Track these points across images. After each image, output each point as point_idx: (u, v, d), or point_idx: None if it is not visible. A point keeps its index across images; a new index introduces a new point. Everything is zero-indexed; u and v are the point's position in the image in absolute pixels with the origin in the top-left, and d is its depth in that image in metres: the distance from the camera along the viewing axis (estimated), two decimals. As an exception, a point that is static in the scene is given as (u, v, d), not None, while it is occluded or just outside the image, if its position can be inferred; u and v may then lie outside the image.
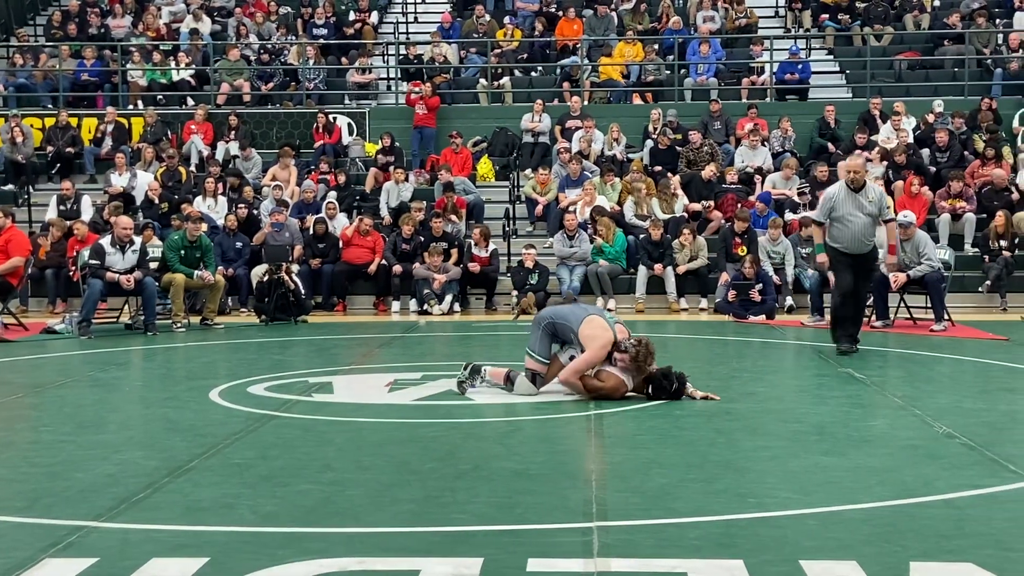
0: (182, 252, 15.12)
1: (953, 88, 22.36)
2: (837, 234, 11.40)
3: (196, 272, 15.06)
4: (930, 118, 20.25)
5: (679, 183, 18.73)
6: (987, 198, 18.11)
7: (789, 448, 6.91)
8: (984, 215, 17.89)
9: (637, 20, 24.15)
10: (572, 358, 8.68)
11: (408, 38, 24.91)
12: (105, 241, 14.47)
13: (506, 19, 24.25)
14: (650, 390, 8.53)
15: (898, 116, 20.27)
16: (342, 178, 19.52)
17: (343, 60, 23.80)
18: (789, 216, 17.87)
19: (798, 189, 18.55)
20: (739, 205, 18.00)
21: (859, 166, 11.49)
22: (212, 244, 15.88)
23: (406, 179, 19.40)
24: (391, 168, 19.69)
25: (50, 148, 21.24)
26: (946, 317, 14.10)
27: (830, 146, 20.38)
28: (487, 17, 24.22)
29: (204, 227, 16.78)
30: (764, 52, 22.81)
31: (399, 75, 23.43)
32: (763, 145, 19.97)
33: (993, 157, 18.83)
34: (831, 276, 12.70)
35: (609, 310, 16.42)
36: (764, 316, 15.58)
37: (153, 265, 14.94)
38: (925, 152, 19.55)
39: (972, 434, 7.12)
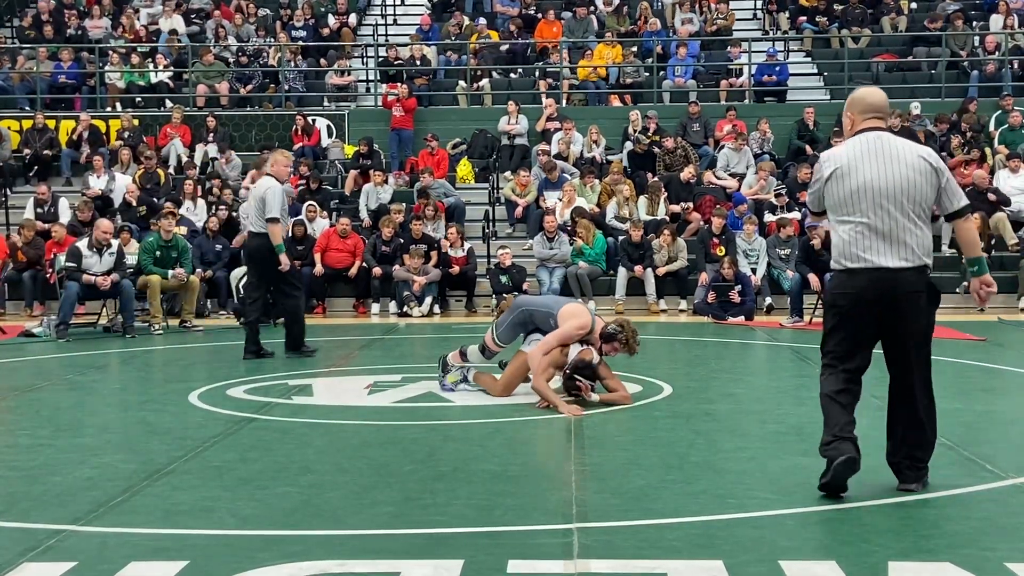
0: (157, 253, 15.05)
1: (930, 90, 22.48)
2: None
3: (171, 271, 14.98)
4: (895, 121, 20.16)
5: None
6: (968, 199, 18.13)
7: (768, 449, 6.93)
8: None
9: (620, 23, 24.18)
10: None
11: (387, 40, 24.89)
12: (82, 244, 14.40)
13: (479, 19, 24.20)
14: (570, 372, 8.39)
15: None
16: (315, 184, 19.47)
17: (322, 62, 23.76)
18: (768, 218, 17.92)
19: (775, 191, 18.60)
20: (716, 205, 18.05)
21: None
22: (188, 245, 15.79)
23: (385, 181, 19.39)
24: (370, 171, 19.67)
25: (27, 150, 21.14)
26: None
27: (808, 148, 20.45)
28: (466, 20, 24.21)
29: (183, 229, 16.73)
30: (742, 54, 22.88)
31: (378, 77, 23.40)
32: (745, 146, 20.00)
33: (978, 159, 18.90)
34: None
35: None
36: (743, 317, 15.62)
37: (130, 270, 14.86)
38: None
39: (949, 434, 7.14)
